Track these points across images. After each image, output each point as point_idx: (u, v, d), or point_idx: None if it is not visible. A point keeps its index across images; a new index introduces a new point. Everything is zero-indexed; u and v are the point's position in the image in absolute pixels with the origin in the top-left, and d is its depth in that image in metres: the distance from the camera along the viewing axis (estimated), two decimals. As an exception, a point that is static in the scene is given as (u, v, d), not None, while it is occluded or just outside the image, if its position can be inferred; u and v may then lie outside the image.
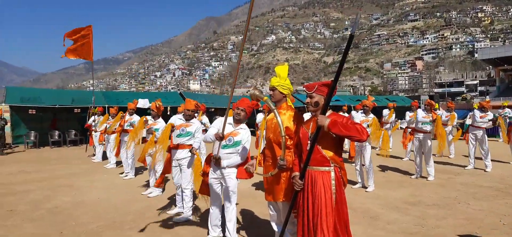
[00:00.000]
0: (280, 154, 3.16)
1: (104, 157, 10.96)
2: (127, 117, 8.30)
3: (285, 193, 3.16)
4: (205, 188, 4.09)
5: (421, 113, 7.72)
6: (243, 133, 3.86)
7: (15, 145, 15.34)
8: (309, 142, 2.77)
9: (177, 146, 4.99)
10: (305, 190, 2.76)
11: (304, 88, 2.91)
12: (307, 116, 3.44)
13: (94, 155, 11.65)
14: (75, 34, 11.65)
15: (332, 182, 2.67)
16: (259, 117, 9.56)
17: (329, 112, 2.78)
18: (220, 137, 3.63)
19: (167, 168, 5.13)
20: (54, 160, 11.47)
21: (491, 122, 8.56)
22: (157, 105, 6.21)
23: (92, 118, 11.47)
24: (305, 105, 2.94)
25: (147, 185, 6.99)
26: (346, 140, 5.17)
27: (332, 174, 2.68)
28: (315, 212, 2.66)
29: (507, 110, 13.83)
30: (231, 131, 3.85)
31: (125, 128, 8.28)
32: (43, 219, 5.07)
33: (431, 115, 7.64)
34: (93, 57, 12.32)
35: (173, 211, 5.26)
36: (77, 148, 14.89)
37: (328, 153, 2.69)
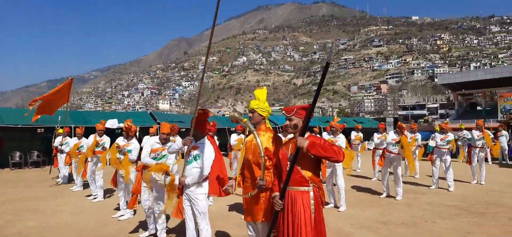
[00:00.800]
0: (259, 174, 3.23)
1: (70, 179, 10.55)
2: (97, 138, 8.05)
3: (265, 214, 3.21)
4: (179, 211, 4.06)
5: (391, 135, 8.05)
6: (202, 146, 3.86)
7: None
8: (288, 162, 2.86)
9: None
10: (285, 210, 2.83)
11: (283, 111, 3.02)
12: (285, 137, 3.55)
13: (58, 177, 11.17)
14: (49, 95, 10.54)
15: (311, 201, 2.76)
16: (233, 138, 9.61)
17: (307, 134, 2.89)
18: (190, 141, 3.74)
19: (138, 188, 5.05)
20: (15, 182, 10.87)
21: (449, 145, 9.04)
22: (127, 126, 6.10)
23: (58, 138, 11.04)
24: (277, 127, 3.05)
25: (117, 208, 6.79)
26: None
27: (311, 193, 2.78)
28: (295, 231, 2.73)
29: (465, 132, 14.67)
30: (193, 145, 3.89)
31: (95, 150, 8.03)
32: (6, 245, 4.80)
33: (399, 137, 7.97)
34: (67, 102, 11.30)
35: (145, 234, 5.14)
36: (40, 170, 14.19)
37: (307, 173, 2.79)
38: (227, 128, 20.16)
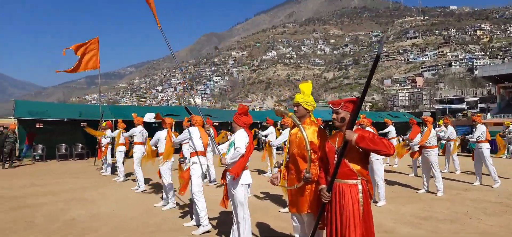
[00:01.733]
0: (304, 167, 3.29)
1: (113, 170, 11.07)
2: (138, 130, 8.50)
3: (310, 205, 3.27)
4: (224, 201, 4.21)
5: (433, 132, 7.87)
6: (235, 135, 4.10)
7: (22, 158, 15.41)
8: (335, 156, 2.90)
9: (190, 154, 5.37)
10: (332, 202, 2.87)
11: (330, 105, 3.05)
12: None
13: (102, 168, 11.76)
14: (79, 47, 11.90)
15: (360, 194, 2.79)
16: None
17: (354, 127, 2.90)
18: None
19: (185, 175, 5.30)
20: (63, 173, 11.55)
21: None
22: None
23: (108, 132, 11.57)
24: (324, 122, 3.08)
25: (160, 198, 7.10)
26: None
27: (360, 186, 2.80)
28: (343, 224, 2.77)
29: (511, 127, 13.98)
30: (230, 138, 4.25)
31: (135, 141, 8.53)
32: (61, 231, 5.14)
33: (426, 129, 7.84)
34: (98, 66, 12.61)
35: (190, 223, 5.33)
36: (84, 162, 14.97)
37: (355, 167, 2.81)
38: (258, 123, 20.29)
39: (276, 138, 10.49)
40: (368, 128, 6.92)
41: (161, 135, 6.66)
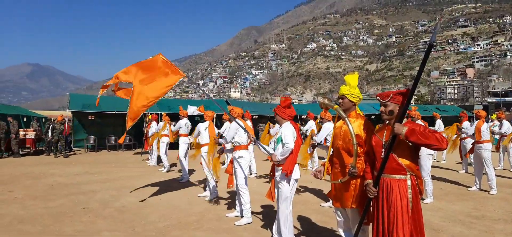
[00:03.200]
0: (349, 161, 3.24)
1: (158, 161, 11.54)
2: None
3: (355, 200, 3.21)
4: (270, 194, 4.24)
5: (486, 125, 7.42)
6: (281, 129, 4.05)
7: (76, 148, 16.50)
8: (383, 150, 2.82)
9: (235, 148, 5.39)
10: (379, 198, 2.81)
11: (378, 97, 2.97)
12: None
13: (148, 159, 12.28)
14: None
15: (409, 190, 2.70)
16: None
17: (404, 120, 2.80)
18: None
19: (229, 168, 5.38)
20: (113, 162, 12.22)
21: None
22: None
23: (154, 124, 12.03)
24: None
25: (203, 188, 7.31)
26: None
27: (409, 182, 2.71)
28: (390, 220, 2.69)
29: None
30: (276, 132, 4.21)
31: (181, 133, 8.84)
32: (113, 217, 5.46)
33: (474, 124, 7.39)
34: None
35: (232, 214, 5.44)
36: (132, 152, 15.73)
37: (405, 162, 2.72)
38: (298, 116, 20.15)
39: (317, 132, 10.38)
40: (419, 122, 6.65)
41: (201, 127, 6.84)
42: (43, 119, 19.44)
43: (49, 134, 14.44)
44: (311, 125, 10.44)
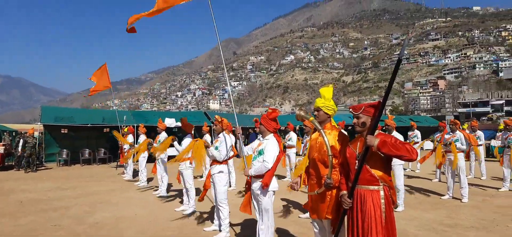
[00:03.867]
0: (324, 173, 3.28)
1: (134, 174, 11.29)
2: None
3: (331, 211, 3.25)
4: (246, 206, 4.22)
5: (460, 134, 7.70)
6: (267, 142, 4.00)
7: (47, 163, 15.92)
8: (356, 161, 2.88)
9: (212, 162, 5.25)
10: (354, 209, 2.85)
11: (350, 109, 3.04)
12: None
13: (123, 173, 12.00)
14: (96, 75, 13.57)
15: (382, 200, 2.75)
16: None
17: (376, 132, 2.88)
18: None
19: (207, 183, 5.30)
20: (86, 177, 11.86)
21: None
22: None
23: (130, 137, 11.80)
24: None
25: (181, 202, 7.20)
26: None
27: (382, 193, 2.77)
28: (365, 230, 2.74)
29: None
30: (258, 143, 4.16)
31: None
32: (87, 233, 5.29)
33: (455, 134, 7.65)
34: (110, 82, 13.69)
35: (210, 228, 5.38)
36: (107, 166, 15.33)
37: (377, 173, 2.78)
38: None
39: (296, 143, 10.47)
40: (395, 133, 6.81)
41: (188, 141, 6.69)
42: (14, 132, 18.73)
43: (20, 148, 13.90)
44: (291, 136, 10.53)
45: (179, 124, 14.49)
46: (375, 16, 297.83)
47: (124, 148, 11.44)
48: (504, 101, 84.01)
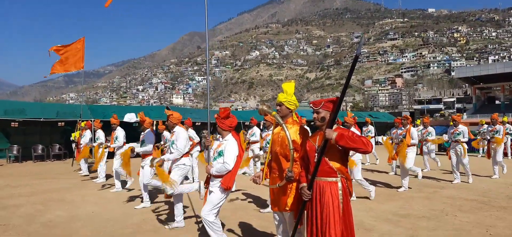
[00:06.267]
0: (286, 166, 3.32)
1: (91, 171, 10.86)
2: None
3: (291, 203, 3.30)
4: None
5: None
6: (226, 143, 3.98)
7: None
8: (316, 154, 2.94)
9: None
10: (313, 200, 2.92)
11: (311, 104, 3.10)
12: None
13: (80, 170, 11.49)
14: (64, 48, 11.71)
15: (339, 192, 2.84)
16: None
17: (334, 126, 2.96)
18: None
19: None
20: (39, 174, 11.24)
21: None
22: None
23: (87, 133, 11.31)
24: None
25: (139, 199, 7.01)
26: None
27: (339, 184, 2.86)
28: (323, 221, 2.81)
29: (485, 126, 14.44)
30: (218, 144, 4.10)
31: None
32: (39, 233, 5.02)
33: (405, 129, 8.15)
34: (82, 67, 12.41)
35: (174, 225, 5.26)
36: (62, 163, 14.61)
37: (335, 165, 2.87)
38: (242, 123, 20.29)
39: (259, 139, 10.56)
40: (353, 129, 7.04)
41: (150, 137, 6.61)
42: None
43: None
44: (255, 131, 10.57)
45: (138, 119, 14.09)
46: (337, 15, 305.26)
47: (80, 144, 10.95)
48: (455, 99, 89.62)
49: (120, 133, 8.48)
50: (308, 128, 3.52)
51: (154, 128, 9.07)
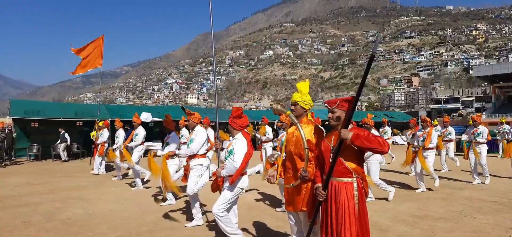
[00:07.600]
0: (300, 166, 3.31)
1: (107, 169, 11.07)
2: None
3: (306, 203, 3.29)
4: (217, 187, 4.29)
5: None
6: (235, 142, 4.05)
7: (17, 158, 15.33)
8: (331, 154, 2.92)
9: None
10: (328, 200, 2.90)
11: (326, 104, 3.08)
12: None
13: (92, 169, 11.68)
14: (84, 48, 12.05)
15: (355, 192, 2.82)
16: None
17: (350, 126, 2.93)
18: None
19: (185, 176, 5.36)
20: (58, 172, 11.50)
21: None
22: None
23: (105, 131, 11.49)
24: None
25: (158, 196, 7.11)
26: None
27: (355, 185, 2.83)
28: (338, 222, 2.79)
29: (505, 126, 14.06)
30: (229, 143, 4.19)
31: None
32: (58, 230, 5.14)
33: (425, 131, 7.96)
34: (100, 64, 12.69)
35: (191, 224, 5.31)
36: (80, 162, 14.91)
37: (351, 165, 2.85)
38: (255, 122, 20.29)
39: (272, 139, 10.58)
40: (373, 131, 6.97)
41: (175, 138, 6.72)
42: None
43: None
44: (267, 130, 10.59)
45: (155, 119, 14.29)
46: (352, 13, 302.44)
47: (98, 142, 11.15)
48: (474, 98, 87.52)
49: (140, 132, 8.64)
50: (323, 128, 3.49)
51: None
